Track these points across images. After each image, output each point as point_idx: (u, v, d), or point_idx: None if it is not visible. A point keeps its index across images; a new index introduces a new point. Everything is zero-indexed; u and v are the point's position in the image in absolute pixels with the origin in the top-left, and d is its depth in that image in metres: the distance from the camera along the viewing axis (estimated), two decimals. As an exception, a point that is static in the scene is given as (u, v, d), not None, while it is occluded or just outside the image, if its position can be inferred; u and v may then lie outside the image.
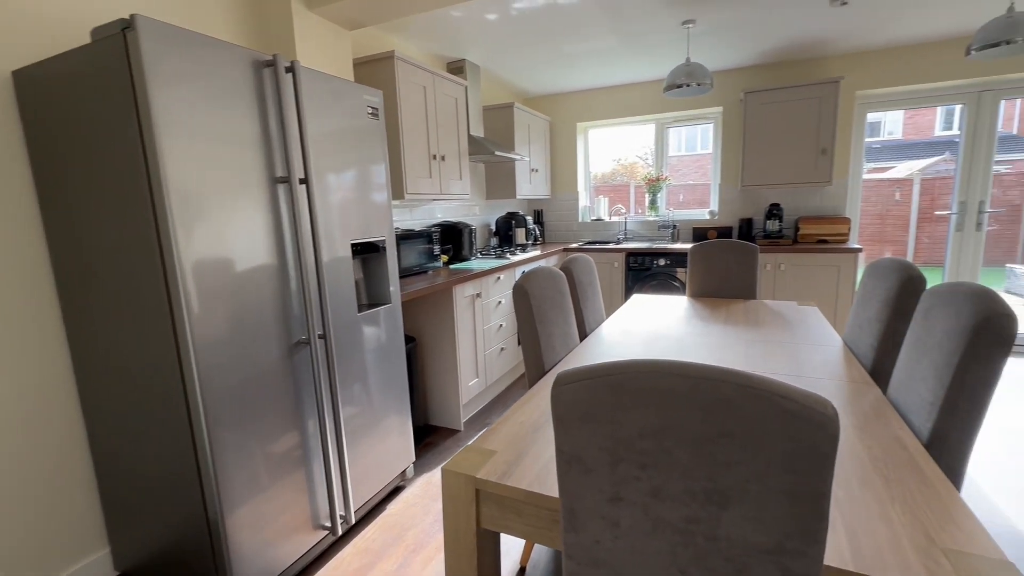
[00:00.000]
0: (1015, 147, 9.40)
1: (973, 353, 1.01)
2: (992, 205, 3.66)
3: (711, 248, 2.64)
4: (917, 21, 2.99)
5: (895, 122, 12.17)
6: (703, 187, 4.85)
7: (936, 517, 0.80)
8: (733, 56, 3.60)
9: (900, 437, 1.05)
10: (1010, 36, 2.29)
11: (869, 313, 1.63)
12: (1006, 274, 6.30)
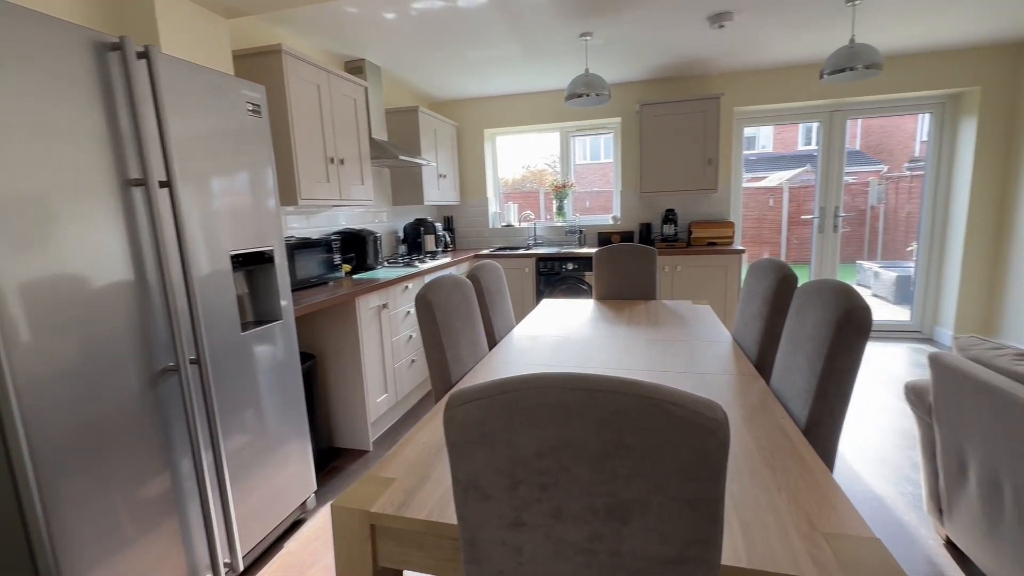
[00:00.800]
0: (858, 161, 10.96)
1: (838, 343, 1.11)
2: (844, 210, 4.21)
3: (614, 252, 2.74)
4: (782, 46, 3.36)
5: (767, 137, 13.69)
6: (607, 194, 5.07)
7: (816, 502, 0.85)
8: (629, 70, 3.80)
9: (783, 426, 1.12)
10: (852, 63, 2.64)
11: (752, 310, 1.77)
12: (857, 269, 7.33)
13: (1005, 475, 1.35)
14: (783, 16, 2.80)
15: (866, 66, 2.61)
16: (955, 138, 3.88)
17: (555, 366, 1.59)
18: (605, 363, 1.60)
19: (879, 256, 8.41)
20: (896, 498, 2.00)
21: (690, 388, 1.37)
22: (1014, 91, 3.57)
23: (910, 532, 1.80)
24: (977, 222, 3.77)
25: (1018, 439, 1.28)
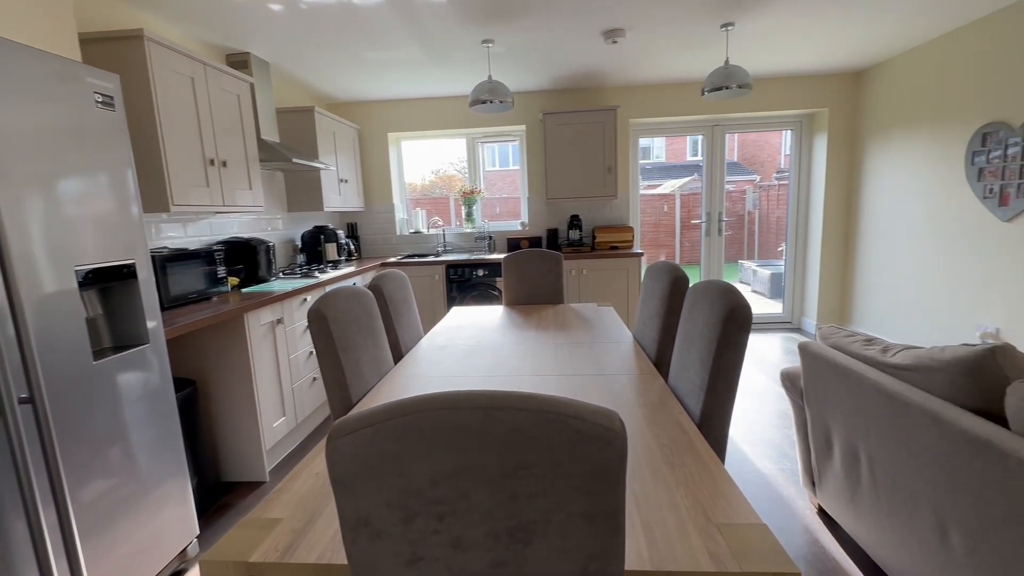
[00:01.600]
0: (736, 171, 12.18)
1: (725, 340, 1.19)
2: (726, 215, 4.64)
3: (522, 258, 2.76)
4: (669, 64, 3.63)
5: (660, 147, 14.80)
6: (516, 200, 5.14)
7: (711, 494, 0.89)
8: (532, 79, 3.88)
9: (680, 421, 1.18)
10: (727, 83, 2.91)
11: (650, 310, 1.86)
12: (739, 268, 8.15)
13: (861, 447, 1.54)
14: (669, 36, 3.02)
15: (739, 85, 2.90)
16: (811, 152, 4.45)
17: (464, 376, 1.55)
18: (515, 370, 1.59)
19: (756, 256, 9.44)
20: (777, 475, 2.22)
21: (596, 390, 1.40)
22: (854, 112, 4.17)
23: (789, 504, 2.00)
24: (830, 225, 4.35)
25: (868, 414, 1.46)
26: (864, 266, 4.12)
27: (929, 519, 1.28)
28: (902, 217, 3.67)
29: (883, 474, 1.45)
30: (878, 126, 3.89)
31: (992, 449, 1.06)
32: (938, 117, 3.29)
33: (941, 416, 1.20)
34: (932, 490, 1.25)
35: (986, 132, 2.95)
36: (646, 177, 12.91)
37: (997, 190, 2.90)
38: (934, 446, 1.22)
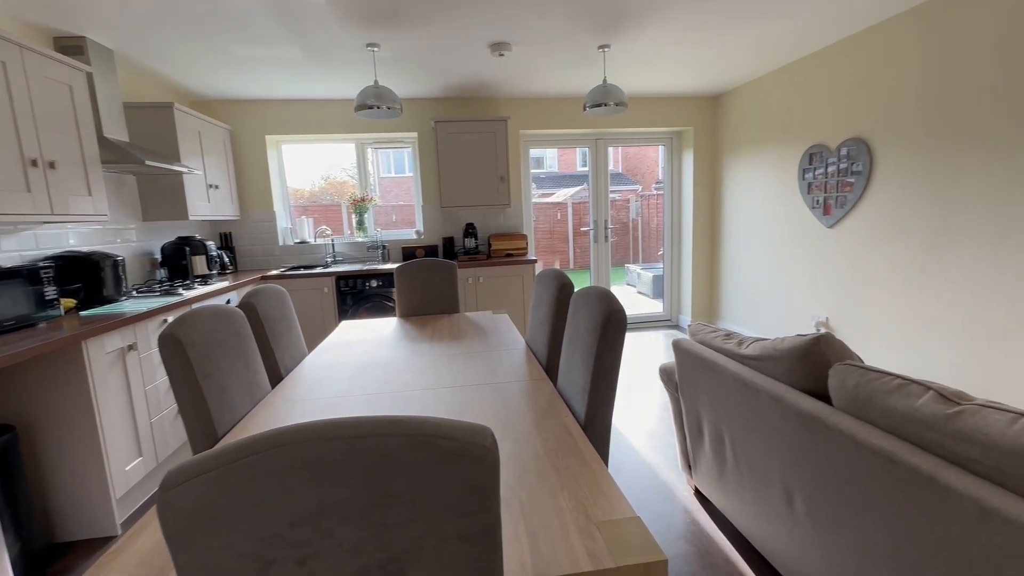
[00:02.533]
0: (621, 181, 13.07)
1: (604, 343, 1.25)
2: (612, 223, 4.96)
3: (415, 268, 2.70)
4: (555, 79, 3.80)
5: (552, 158, 15.46)
6: (413, 207, 5.04)
7: (591, 493, 0.93)
8: (422, 86, 3.83)
9: (567, 424, 1.22)
10: (606, 100, 3.12)
11: (540, 316, 1.91)
12: (626, 271, 8.79)
13: (725, 431, 1.72)
14: (552, 53, 3.16)
15: (616, 103, 3.12)
16: (681, 165, 4.93)
17: (350, 396, 1.46)
18: (406, 385, 1.54)
19: (641, 260, 10.26)
20: (660, 462, 2.40)
21: (488, 399, 1.40)
22: (713, 131, 4.71)
23: (670, 488, 2.17)
24: (699, 231, 4.85)
25: (729, 401, 1.64)
26: (727, 267, 4.66)
27: (778, 489, 1.47)
28: (754, 224, 4.21)
29: (742, 453, 1.63)
30: (733, 144, 4.43)
31: (820, 423, 1.24)
32: (778, 138, 3.83)
33: (783, 398, 1.38)
34: (779, 463, 1.44)
35: (812, 152, 3.49)
36: (540, 186, 13.42)
37: (822, 201, 3.44)
38: (779, 425, 1.40)
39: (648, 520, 1.97)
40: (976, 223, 2.47)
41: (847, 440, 1.16)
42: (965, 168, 2.50)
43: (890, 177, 2.92)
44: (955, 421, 0.98)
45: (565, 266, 10.14)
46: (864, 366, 1.22)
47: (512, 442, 1.14)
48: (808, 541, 1.38)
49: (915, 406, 1.06)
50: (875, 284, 3.08)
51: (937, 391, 1.05)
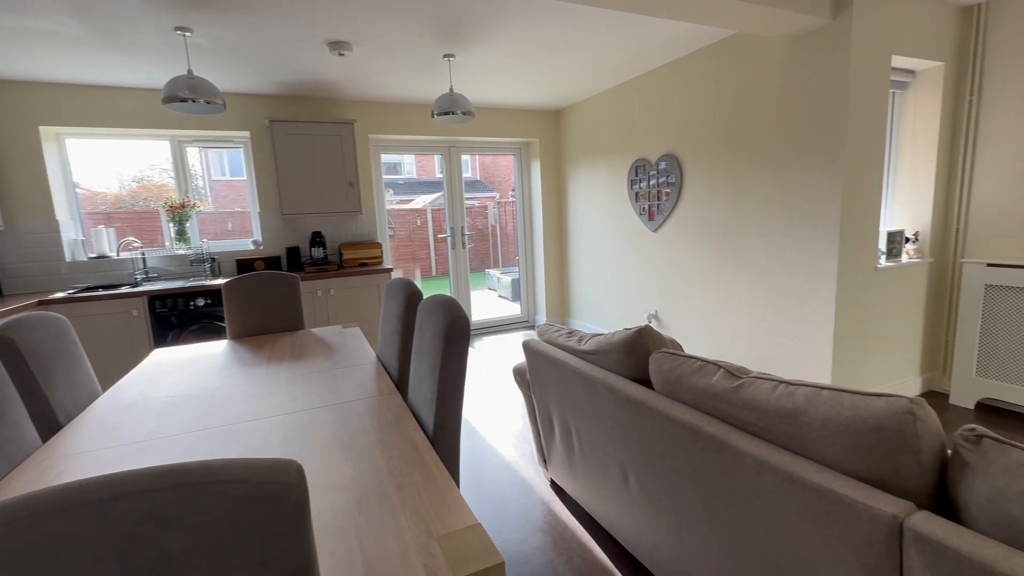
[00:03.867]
0: (480, 189, 13.35)
1: (448, 351, 1.25)
2: (471, 229, 5.05)
3: (249, 282, 2.41)
4: (404, 84, 3.72)
5: (411, 164, 15.22)
6: (249, 214, 4.51)
7: (435, 507, 0.91)
8: (251, 81, 3.46)
9: (413, 438, 1.18)
10: (453, 108, 3.15)
11: (390, 328, 1.85)
12: (486, 276, 9.02)
13: (571, 422, 1.84)
14: (398, 58, 3.10)
15: (464, 112, 3.17)
16: (530, 174, 5.22)
17: (155, 440, 1.24)
18: (230, 418, 1.35)
19: (501, 264, 10.62)
20: (520, 459, 2.49)
21: (328, 421, 1.30)
22: (557, 143, 5.07)
23: (529, 484, 2.26)
24: (549, 236, 5.18)
25: (573, 394, 1.76)
26: (575, 269, 5.04)
27: (616, 469, 1.62)
28: (595, 229, 4.62)
29: (586, 441, 1.76)
30: (574, 156, 4.82)
31: (644, 406, 1.39)
32: (610, 151, 4.27)
33: (614, 387, 1.52)
34: (615, 446, 1.58)
35: (637, 165, 3.96)
36: (399, 192, 13.10)
37: (647, 208, 3.92)
38: (613, 411, 1.54)
39: (508, 517, 2.02)
40: (759, 225, 3.04)
41: (664, 418, 1.32)
42: (751, 180, 3.06)
43: (696, 187, 3.44)
44: (738, 392, 1.17)
45: (427, 273, 10.04)
46: (675, 352, 1.40)
47: (353, 466, 1.07)
48: (641, 512, 1.54)
49: (710, 383, 1.24)
50: (690, 279, 3.59)
51: (726, 369, 1.25)
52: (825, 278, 2.63)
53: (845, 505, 0.90)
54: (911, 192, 2.98)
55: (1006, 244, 2.73)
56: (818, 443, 0.99)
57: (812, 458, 1.01)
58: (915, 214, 2.98)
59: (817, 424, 0.99)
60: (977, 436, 0.83)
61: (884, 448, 0.89)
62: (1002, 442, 0.80)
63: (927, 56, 2.70)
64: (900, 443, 0.88)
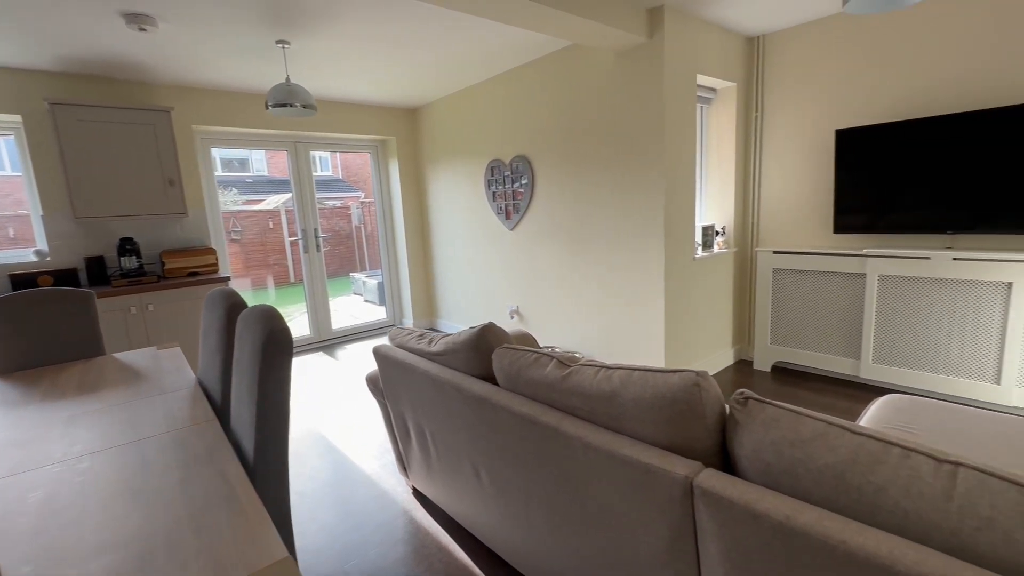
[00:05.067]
0: (341, 188, 12.61)
1: (267, 367, 1.12)
2: (331, 230, 4.71)
3: (20, 303, 1.94)
4: (231, 70, 3.32)
5: (260, 160, 13.78)
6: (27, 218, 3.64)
7: (239, 547, 0.80)
8: (19, 52, 2.79)
9: (225, 471, 1.04)
10: (291, 100, 2.90)
11: (211, 345, 1.62)
12: (351, 280, 8.54)
13: (425, 426, 1.80)
14: (221, 39, 2.74)
15: (304, 105, 2.93)
16: (388, 172, 5.04)
17: None
18: (-27, 477, 1.06)
19: (367, 267, 10.14)
20: (381, 470, 2.38)
21: (117, 465, 1.08)
22: (415, 142, 4.97)
23: (391, 495, 2.18)
24: (412, 236, 5.07)
25: (424, 397, 1.73)
26: (440, 269, 5.01)
27: (469, 468, 1.62)
28: (457, 229, 4.64)
29: (441, 443, 1.74)
30: (432, 155, 4.77)
31: (488, 403, 1.41)
32: (467, 151, 4.31)
33: (460, 386, 1.51)
34: (466, 445, 1.58)
35: (493, 165, 4.05)
36: (248, 191, 11.79)
37: (504, 208, 4.04)
38: (461, 410, 1.54)
39: (367, 534, 1.92)
40: (600, 223, 3.30)
41: (506, 412, 1.35)
42: (592, 182, 3.30)
43: (547, 188, 3.63)
44: (567, 380, 1.24)
45: (283, 280, 9.16)
46: (515, 347, 1.44)
47: (142, 514, 0.91)
48: (495, 506, 1.56)
49: (544, 374, 1.30)
50: (546, 274, 3.79)
51: (558, 359, 1.32)
52: (655, 269, 2.96)
53: (651, 473, 0.99)
54: (718, 192, 3.49)
55: (788, 234, 3.34)
56: (632, 420, 1.09)
57: (629, 434, 1.11)
58: (722, 211, 3.50)
59: (630, 403, 1.09)
60: (745, 398, 0.98)
61: (680, 417, 1.01)
62: (762, 401, 0.96)
63: (723, 76, 3.18)
64: (690, 411, 1.00)
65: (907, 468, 0.77)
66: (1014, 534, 0.66)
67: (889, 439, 0.81)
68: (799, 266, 3.12)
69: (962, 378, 2.61)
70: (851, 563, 0.72)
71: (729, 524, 0.88)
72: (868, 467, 0.79)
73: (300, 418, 3.04)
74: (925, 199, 2.66)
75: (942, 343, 2.66)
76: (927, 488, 0.74)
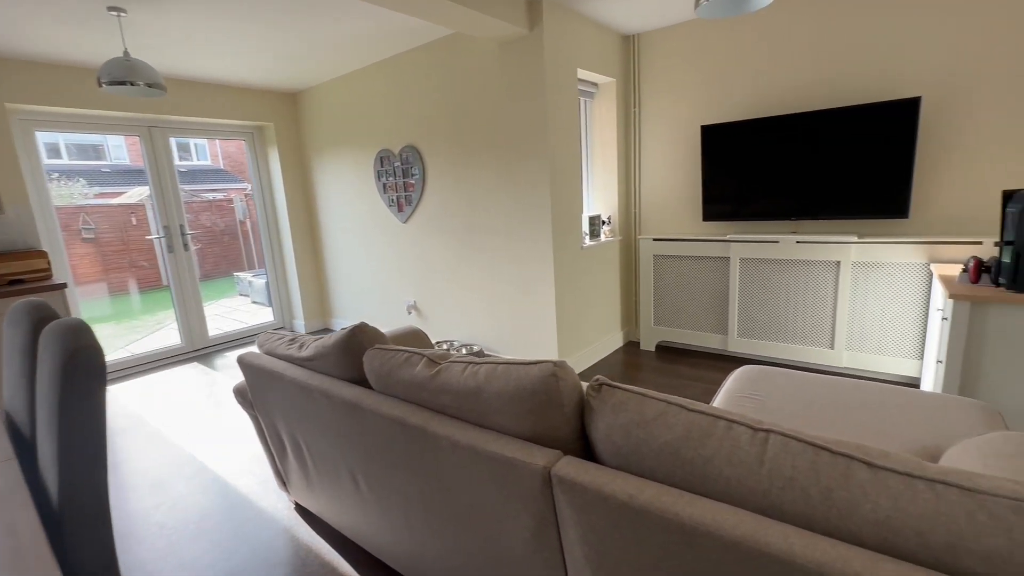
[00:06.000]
0: (223, 179, 11.43)
1: (69, 392, 0.95)
2: (208, 226, 4.21)
3: None
4: (56, 40, 2.80)
5: (118, 147, 12.03)
6: None
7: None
8: None
9: (14, 522, 0.87)
10: (132, 78, 2.52)
11: (15, 368, 1.36)
12: (236, 280, 7.79)
13: (299, 437, 1.68)
14: (36, 3, 2.29)
15: (148, 84, 2.57)
16: (268, 163, 4.63)
17: None
18: None
19: (255, 265, 9.31)
20: (259, 488, 2.19)
21: None
22: (296, 129, 4.61)
23: (269, 513, 2.01)
24: (298, 231, 4.72)
25: (295, 407, 1.60)
26: (333, 266, 4.72)
27: (347, 476, 1.53)
28: (349, 222, 4.39)
29: (317, 453, 1.63)
30: (318, 144, 4.46)
31: (359, 408, 1.33)
32: (354, 140, 4.08)
33: (330, 392, 1.42)
34: (341, 453, 1.49)
35: (382, 156, 3.88)
36: (104, 182, 10.23)
37: (395, 200, 3.89)
38: (334, 417, 1.44)
39: (240, 562, 1.75)
40: (491, 215, 3.30)
41: (376, 416, 1.28)
42: (482, 173, 3.28)
43: (437, 179, 3.55)
44: (436, 379, 1.20)
45: (151, 283, 8.09)
46: (385, 348, 1.38)
47: None
48: (376, 513, 1.49)
49: (414, 373, 1.25)
50: (441, 268, 3.72)
51: (429, 357, 1.28)
52: (545, 259, 3.03)
53: (514, 466, 0.99)
54: (603, 183, 3.65)
55: (666, 222, 3.59)
56: (497, 415, 1.08)
57: (495, 428, 1.10)
58: (607, 201, 3.67)
59: (494, 397, 1.08)
60: (599, 384, 1.01)
61: (540, 408, 1.02)
62: (612, 386, 0.99)
63: (603, 72, 3.31)
64: (549, 401, 1.01)
65: (730, 439, 0.83)
66: (809, 490, 0.74)
67: (717, 413, 0.88)
68: (675, 252, 3.38)
69: (807, 346, 3.00)
70: (684, 532, 0.77)
71: (584, 509, 0.90)
72: (699, 441, 0.85)
73: (164, 440, 2.70)
74: (775, 189, 3.00)
75: (790, 316, 3.02)
76: (745, 455, 0.80)
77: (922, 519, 0.66)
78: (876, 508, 0.69)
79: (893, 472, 0.71)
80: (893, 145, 2.58)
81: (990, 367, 1.94)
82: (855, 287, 2.78)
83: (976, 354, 1.95)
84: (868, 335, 2.79)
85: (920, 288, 2.60)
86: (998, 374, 1.93)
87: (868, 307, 2.76)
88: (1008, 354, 1.89)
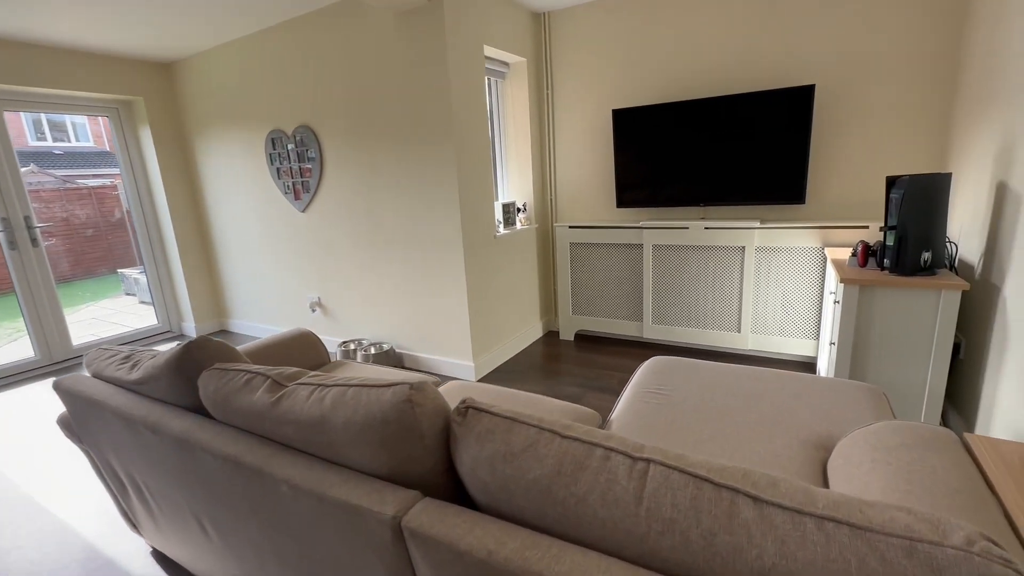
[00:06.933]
0: (107, 162, 10.10)
1: None
2: (98, 216, 3.57)
3: None
4: None
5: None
6: None
7: None
8: None
9: None
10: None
11: None
12: (121, 278, 6.90)
13: (136, 474, 1.38)
14: None
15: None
16: (139, 143, 4.03)
17: None
18: None
19: (143, 262, 8.30)
20: (111, 533, 1.85)
21: None
22: (173, 104, 4.04)
23: (118, 563, 1.69)
24: (181, 222, 4.17)
25: (125, 441, 1.30)
26: (225, 261, 4.23)
27: (193, 521, 1.27)
28: (241, 212, 3.93)
29: (157, 494, 1.35)
30: (200, 122, 3.93)
31: (191, 444, 1.08)
32: (242, 119, 3.62)
33: (157, 425, 1.15)
34: (182, 494, 1.23)
35: (274, 137, 3.47)
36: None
37: (291, 186, 3.51)
38: (166, 454, 1.18)
39: (68, 630, 1.43)
40: (395, 202, 3.04)
41: (208, 453, 1.04)
42: (384, 157, 3.00)
43: (337, 164, 3.22)
44: (278, 406, 0.98)
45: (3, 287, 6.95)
46: (224, 367, 1.13)
47: None
48: (231, 561, 1.25)
49: (254, 399, 1.02)
50: (345, 260, 3.41)
51: (273, 379, 1.05)
52: (454, 248, 2.83)
53: (360, 514, 0.81)
54: (518, 169, 3.50)
55: (582, 209, 3.51)
56: (346, 447, 0.89)
57: (347, 464, 0.91)
58: (522, 188, 3.52)
59: (340, 428, 0.88)
60: (466, 408, 0.84)
61: (394, 439, 0.83)
62: (479, 410, 0.83)
63: (513, 51, 3.13)
64: (404, 432, 0.83)
65: (606, 472, 0.69)
66: (689, 534, 0.62)
67: (593, 439, 0.74)
68: (591, 239, 3.31)
69: (716, 330, 3.05)
70: (551, 594, 0.62)
71: (443, 565, 0.73)
72: (572, 476, 0.71)
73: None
74: (684, 175, 2.99)
75: (700, 302, 3.06)
76: (622, 492, 0.67)
77: (811, 567, 0.55)
78: (762, 554, 0.58)
79: (780, 508, 0.60)
80: (791, 132, 2.64)
81: (877, 348, 2.01)
82: (758, 271, 2.84)
83: (865, 335, 2.01)
84: (771, 318, 2.87)
85: (816, 272, 2.69)
86: (884, 355, 2.00)
87: (770, 291, 2.84)
88: (891, 335, 1.97)
